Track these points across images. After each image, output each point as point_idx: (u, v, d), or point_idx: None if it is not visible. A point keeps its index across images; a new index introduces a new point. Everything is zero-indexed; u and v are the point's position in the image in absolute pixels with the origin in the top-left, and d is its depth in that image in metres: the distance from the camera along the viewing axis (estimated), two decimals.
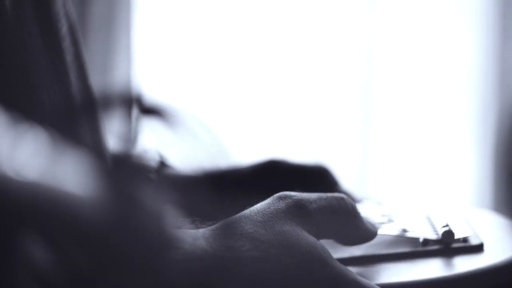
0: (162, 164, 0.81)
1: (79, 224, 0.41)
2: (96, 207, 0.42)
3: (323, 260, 0.52)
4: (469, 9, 1.93)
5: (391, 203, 0.76)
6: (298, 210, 0.55)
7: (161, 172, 0.80)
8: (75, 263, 0.41)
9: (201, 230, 0.52)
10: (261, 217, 0.54)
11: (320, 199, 0.57)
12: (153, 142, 0.52)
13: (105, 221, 0.42)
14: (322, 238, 0.57)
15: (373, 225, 0.61)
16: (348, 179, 1.94)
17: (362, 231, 0.59)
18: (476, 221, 0.70)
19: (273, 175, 0.79)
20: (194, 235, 0.51)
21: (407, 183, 1.98)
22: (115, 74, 1.73)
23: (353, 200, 0.59)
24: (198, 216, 0.54)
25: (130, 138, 0.53)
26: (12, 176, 0.41)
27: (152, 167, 0.80)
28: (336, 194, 0.58)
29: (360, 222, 0.59)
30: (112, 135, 0.58)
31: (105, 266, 0.42)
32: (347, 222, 0.58)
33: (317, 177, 0.80)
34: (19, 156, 0.42)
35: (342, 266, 0.53)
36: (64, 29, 0.67)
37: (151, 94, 0.49)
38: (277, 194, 0.56)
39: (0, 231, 0.41)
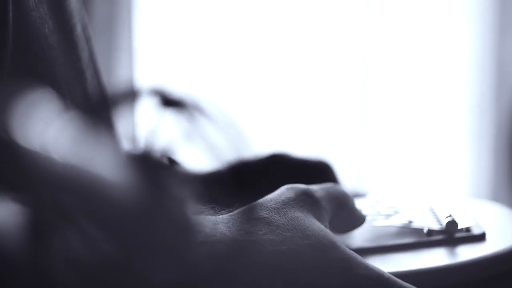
0: (175, 162, 0.83)
1: (107, 210, 0.43)
2: (125, 193, 0.44)
3: (333, 244, 0.55)
4: (467, 7, 1.94)
5: (395, 196, 0.78)
6: (307, 198, 0.59)
7: (174, 169, 0.81)
8: (103, 247, 0.43)
9: (219, 216, 0.55)
10: (275, 204, 0.57)
11: (321, 188, 0.61)
12: (171, 135, 0.54)
13: (132, 207, 0.44)
14: (327, 224, 0.60)
15: (361, 211, 0.65)
16: (348, 175, 1.96)
17: (355, 216, 0.64)
18: (477, 211, 0.72)
19: (277, 168, 0.82)
20: (213, 220, 0.54)
21: (407, 177, 1.99)
22: (117, 74, 1.75)
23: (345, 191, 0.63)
24: (215, 205, 0.57)
25: (138, 136, 0.55)
26: (54, 158, 0.43)
27: (167, 165, 0.82)
28: (329, 184, 0.62)
29: (354, 206, 0.64)
30: (123, 134, 0.60)
31: (134, 249, 0.44)
32: (344, 207, 0.62)
33: (319, 172, 0.82)
34: (62, 140, 0.44)
35: (351, 251, 0.56)
36: (79, 27, 0.69)
37: (169, 87, 0.51)
38: (285, 186, 0.60)
39: (36, 212, 0.43)
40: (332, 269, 0.54)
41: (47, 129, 0.44)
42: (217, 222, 0.54)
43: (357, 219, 0.65)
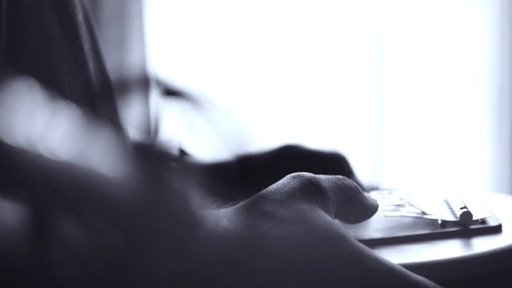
0: (182, 153, 0.81)
1: (111, 204, 0.42)
2: (128, 187, 0.42)
3: (341, 237, 0.53)
4: None
5: (409, 187, 0.76)
6: (313, 188, 0.56)
7: (181, 160, 0.80)
8: (108, 241, 0.42)
9: (223, 210, 0.53)
10: (279, 196, 0.55)
11: (328, 178, 0.58)
12: (175, 126, 0.53)
13: (136, 201, 0.42)
14: (334, 216, 0.58)
15: (374, 200, 0.62)
16: (363, 166, 1.95)
17: (366, 207, 0.61)
18: (494, 203, 0.70)
19: (289, 160, 0.80)
20: (216, 215, 0.52)
21: (424, 170, 1.97)
22: (129, 62, 1.73)
23: (355, 182, 0.60)
24: (218, 198, 0.55)
25: (148, 125, 0.53)
26: (46, 155, 0.41)
27: (173, 155, 0.81)
28: (338, 176, 0.59)
29: (364, 198, 0.61)
30: (130, 123, 0.59)
31: (138, 244, 0.43)
32: (352, 199, 0.59)
33: (333, 164, 0.80)
34: (53, 134, 0.42)
35: (361, 244, 0.54)
36: (80, 17, 0.67)
37: (171, 77, 0.50)
38: (291, 174, 0.57)
39: (36, 209, 0.41)
40: (340, 263, 0.52)
41: (32, 123, 0.43)
42: (220, 217, 0.52)
43: (368, 210, 0.61)
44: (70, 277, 0.41)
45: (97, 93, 0.65)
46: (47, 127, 0.42)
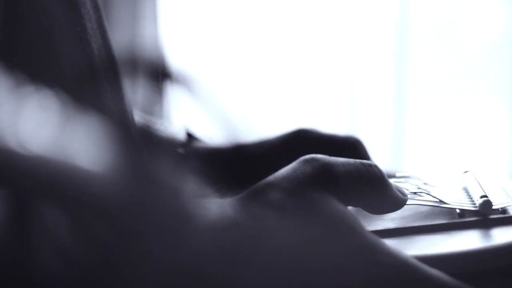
0: (190, 137, 0.79)
1: (91, 201, 0.39)
2: (109, 181, 0.40)
3: (353, 229, 0.50)
4: None
5: (426, 175, 0.74)
6: (326, 174, 0.52)
7: (188, 145, 0.78)
8: (96, 234, 0.40)
9: (227, 199, 0.50)
10: (288, 184, 0.51)
11: (348, 163, 0.53)
12: (179, 112, 0.51)
13: (118, 196, 0.40)
14: (350, 205, 0.55)
15: (402, 193, 0.58)
16: (382, 152, 1.92)
17: (391, 201, 0.56)
18: None
19: (302, 145, 0.76)
20: (220, 204, 0.49)
21: (442, 156, 1.95)
22: (141, 43, 1.71)
23: (382, 170, 0.56)
24: (225, 186, 0.52)
25: (153, 107, 0.51)
26: (15, 148, 0.38)
27: (177, 140, 0.78)
28: (364, 161, 0.55)
29: (389, 190, 0.56)
30: (136, 104, 0.56)
31: (125, 238, 0.40)
32: (375, 190, 0.55)
33: (348, 149, 0.77)
34: (23, 124, 0.40)
35: (373, 236, 0.51)
36: None
37: (172, 61, 0.47)
38: (304, 157, 0.53)
39: (15, 204, 0.39)
40: (351, 258, 0.49)
41: (17, 117, 0.40)
42: (223, 206, 0.49)
43: (392, 203, 0.56)
44: (58, 272, 0.39)
45: (101, 74, 0.63)
46: (16, 116, 0.40)
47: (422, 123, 1.96)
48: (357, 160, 0.55)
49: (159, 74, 0.48)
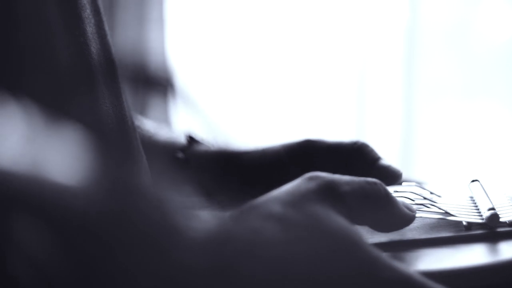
0: (192, 141, 0.78)
1: (69, 217, 0.38)
2: (83, 194, 0.38)
3: (356, 244, 0.48)
4: None
5: (433, 184, 0.72)
6: (330, 191, 0.51)
7: (189, 149, 0.76)
8: (71, 251, 0.38)
9: (227, 212, 0.48)
10: (291, 198, 0.49)
11: (352, 182, 0.53)
12: (181, 116, 0.49)
13: (93, 209, 0.38)
14: (355, 223, 0.53)
15: (410, 209, 0.57)
16: (391, 158, 1.91)
17: (397, 218, 0.56)
18: None
19: (309, 156, 0.75)
20: (218, 217, 0.47)
21: (452, 161, 1.93)
22: (148, 45, 1.71)
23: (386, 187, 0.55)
24: (224, 197, 0.51)
25: (153, 111, 0.50)
26: None
27: (177, 144, 0.76)
28: (369, 179, 0.54)
29: (395, 208, 0.55)
30: (137, 109, 0.54)
31: (103, 252, 0.39)
32: (381, 208, 0.54)
33: (356, 154, 0.75)
34: (1, 140, 0.38)
35: (376, 252, 0.49)
36: None
37: (174, 69, 0.46)
38: (307, 174, 0.52)
39: None
40: (353, 274, 0.47)
41: None
42: (222, 218, 0.47)
43: (400, 220, 0.56)
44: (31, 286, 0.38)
45: (99, 78, 0.61)
46: None
47: (432, 128, 1.94)
48: (361, 178, 0.54)
49: (157, 81, 0.47)
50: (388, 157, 0.76)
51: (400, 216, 0.56)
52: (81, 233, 0.38)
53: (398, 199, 0.56)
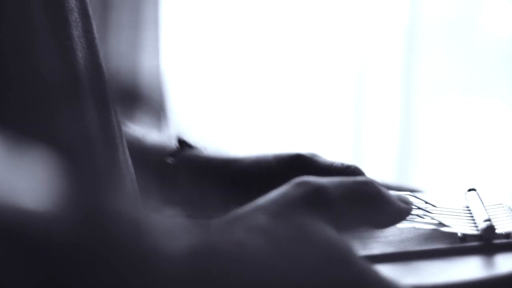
0: (183, 145, 0.76)
1: (34, 243, 0.36)
2: (54, 222, 0.37)
3: (345, 258, 0.47)
4: None
5: (428, 193, 0.71)
6: (318, 198, 0.49)
7: (179, 154, 0.75)
8: (41, 277, 0.37)
9: (212, 221, 0.47)
10: (277, 207, 0.48)
11: (341, 184, 0.51)
12: (173, 121, 0.48)
13: (63, 233, 0.37)
14: (346, 227, 0.52)
15: (405, 202, 0.56)
16: (385, 170, 1.90)
17: (392, 213, 0.54)
18: None
19: (300, 171, 0.73)
20: (202, 228, 0.46)
21: (447, 172, 1.92)
22: (142, 48, 1.70)
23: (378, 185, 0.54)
24: (211, 207, 0.49)
25: (145, 117, 0.48)
26: None
27: (167, 149, 0.75)
28: (359, 179, 0.53)
29: (388, 203, 0.54)
30: (125, 114, 0.53)
31: (76, 276, 0.37)
32: (374, 207, 0.53)
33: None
34: None
35: (366, 265, 0.48)
36: (72, 2, 0.62)
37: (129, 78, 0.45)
38: (296, 180, 0.50)
39: None
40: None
41: None
42: (205, 230, 0.45)
43: (393, 216, 0.55)
44: None
45: (85, 83, 0.60)
46: None
47: (431, 127, 1.93)
48: (351, 179, 0.53)
49: (148, 102, 0.46)
50: (384, 164, 0.75)
51: (395, 212, 0.54)
52: (45, 258, 0.37)
53: (392, 192, 0.55)
